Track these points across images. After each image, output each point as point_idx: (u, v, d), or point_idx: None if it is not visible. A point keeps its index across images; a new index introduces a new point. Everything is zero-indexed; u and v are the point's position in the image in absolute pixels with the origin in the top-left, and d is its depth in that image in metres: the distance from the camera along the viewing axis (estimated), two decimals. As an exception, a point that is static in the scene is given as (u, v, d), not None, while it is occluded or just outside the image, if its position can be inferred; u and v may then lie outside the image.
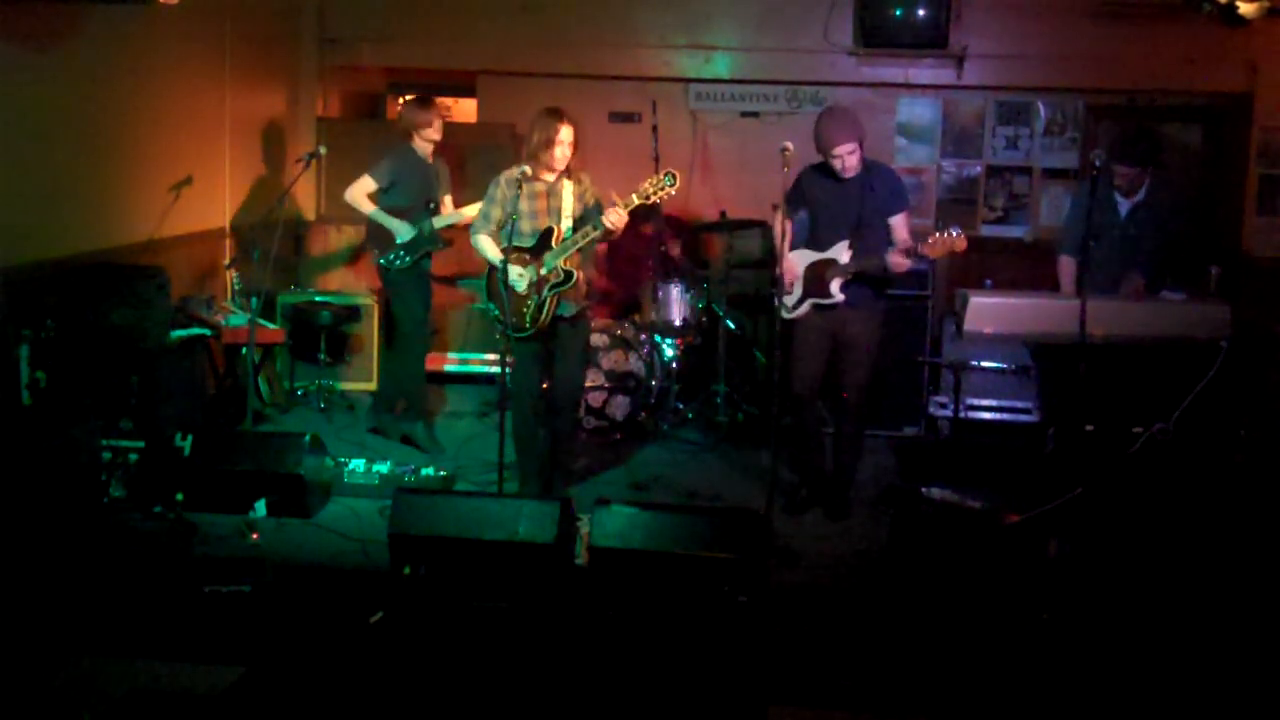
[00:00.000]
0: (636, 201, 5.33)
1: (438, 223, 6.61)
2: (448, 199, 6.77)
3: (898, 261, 5.25)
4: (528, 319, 5.50)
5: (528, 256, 5.51)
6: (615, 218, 5.34)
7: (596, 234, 5.41)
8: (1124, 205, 5.97)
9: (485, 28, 8.41)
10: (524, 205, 5.48)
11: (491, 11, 8.38)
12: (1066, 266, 6.13)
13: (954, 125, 8.51)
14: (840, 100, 8.43)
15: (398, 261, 6.53)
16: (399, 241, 6.52)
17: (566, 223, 5.50)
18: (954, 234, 5.15)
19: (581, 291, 5.64)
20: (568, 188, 5.55)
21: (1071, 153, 8.40)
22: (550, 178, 5.54)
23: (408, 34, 8.46)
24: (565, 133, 5.42)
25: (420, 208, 6.58)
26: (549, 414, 5.82)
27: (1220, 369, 5.43)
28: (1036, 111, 8.42)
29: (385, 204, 6.56)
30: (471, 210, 6.24)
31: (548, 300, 5.49)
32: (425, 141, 6.60)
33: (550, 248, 5.48)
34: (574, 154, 5.53)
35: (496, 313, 5.62)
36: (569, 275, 5.47)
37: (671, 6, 8.33)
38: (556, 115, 5.45)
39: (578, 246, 5.46)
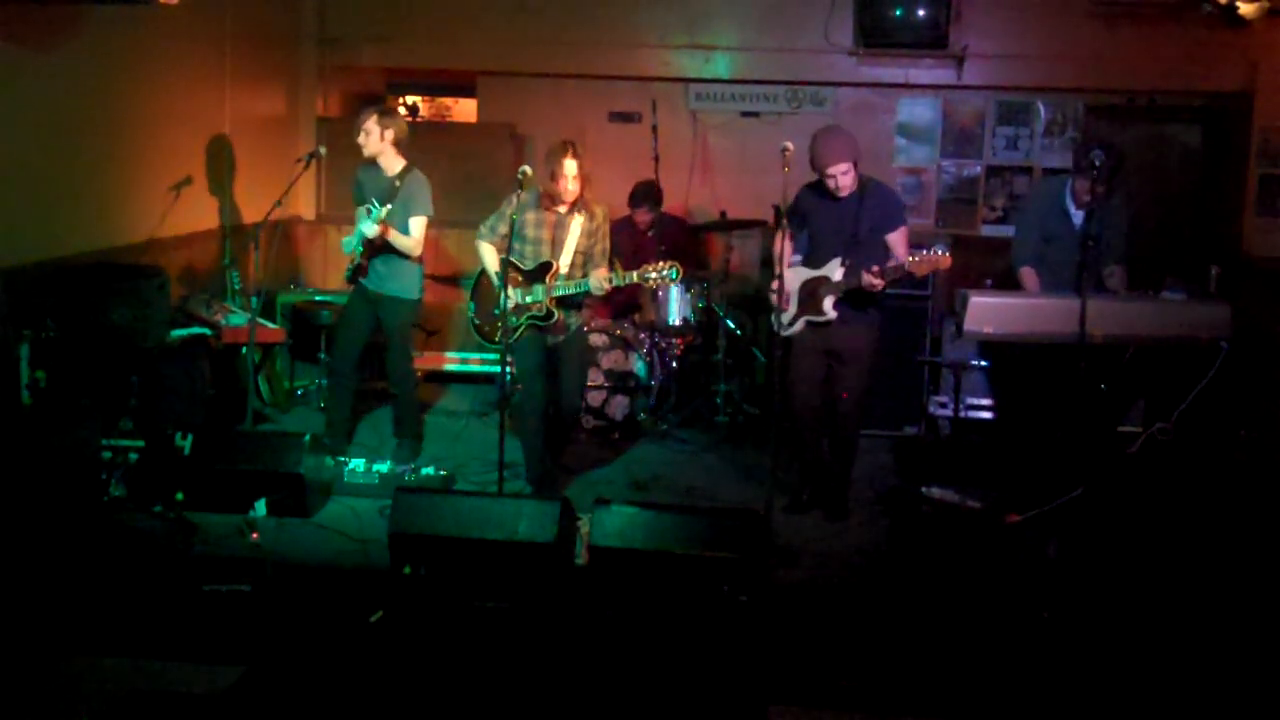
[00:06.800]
0: (629, 280, 5.50)
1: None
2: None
3: (870, 282, 5.26)
4: (498, 335, 5.64)
5: (520, 279, 5.68)
6: (597, 284, 5.55)
7: (582, 291, 5.63)
8: (1077, 215, 5.86)
9: (485, 28, 8.41)
10: (530, 231, 5.67)
11: (491, 11, 8.39)
12: (1029, 278, 5.97)
13: (954, 125, 8.51)
14: (841, 100, 8.48)
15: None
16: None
17: (566, 258, 5.65)
18: (940, 252, 5.21)
19: (560, 326, 5.73)
20: (576, 221, 5.65)
21: (1071, 152, 8.39)
22: (561, 209, 5.66)
23: (408, 34, 8.47)
24: (569, 166, 5.52)
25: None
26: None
27: (1220, 369, 5.43)
28: (1036, 111, 8.43)
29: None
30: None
31: (523, 326, 5.67)
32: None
33: (543, 281, 5.63)
34: (585, 187, 5.61)
35: (473, 314, 5.86)
36: (550, 314, 5.64)
37: (671, 6, 8.34)
38: (561, 149, 5.56)
39: (565, 293, 5.63)
